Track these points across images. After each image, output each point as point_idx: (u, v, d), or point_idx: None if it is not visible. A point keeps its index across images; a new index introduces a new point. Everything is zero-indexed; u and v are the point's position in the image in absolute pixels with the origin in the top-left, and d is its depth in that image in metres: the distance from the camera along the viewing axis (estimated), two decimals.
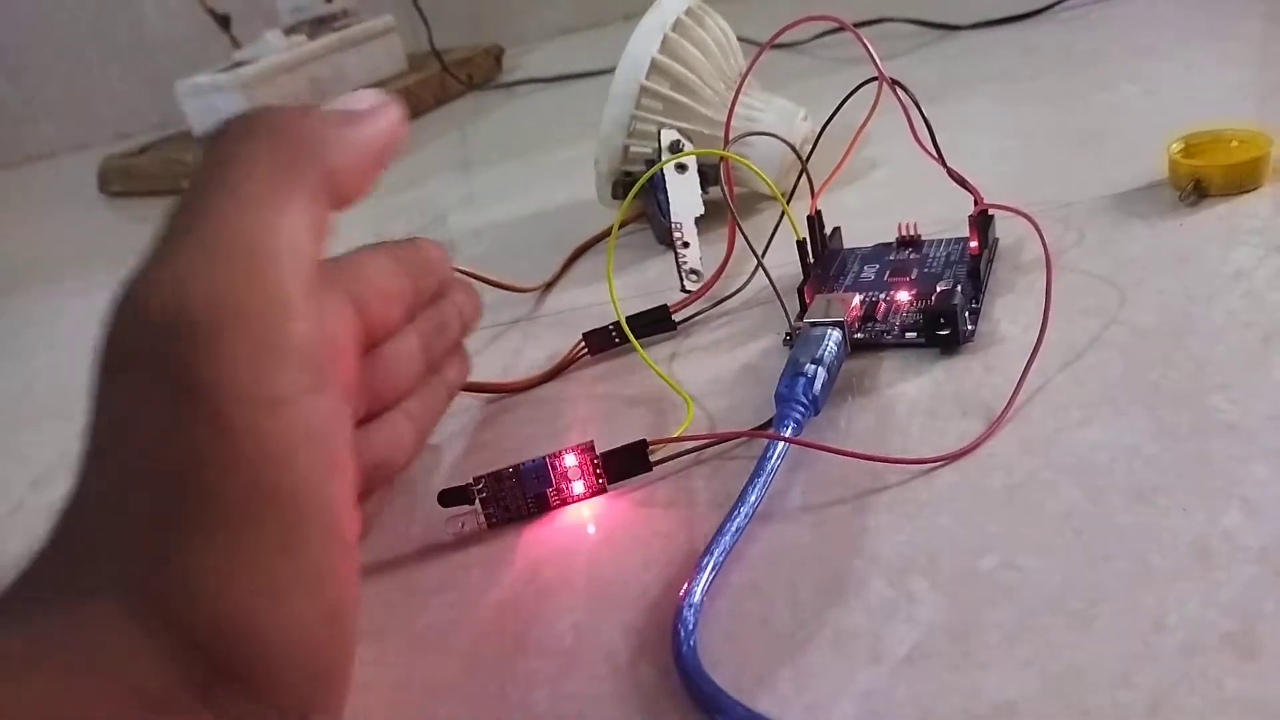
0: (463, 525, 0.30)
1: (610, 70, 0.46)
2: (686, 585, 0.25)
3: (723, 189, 0.39)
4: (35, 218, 1.04)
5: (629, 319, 0.38)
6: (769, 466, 0.28)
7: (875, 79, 0.37)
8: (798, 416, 0.30)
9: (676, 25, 0.46)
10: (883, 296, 0.36)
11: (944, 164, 0.36)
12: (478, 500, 0.30)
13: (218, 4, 1.03)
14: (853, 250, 0.40)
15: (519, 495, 0.30)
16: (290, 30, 0.98)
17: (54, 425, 0.46)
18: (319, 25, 1.00)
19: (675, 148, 0.42)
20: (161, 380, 0.18)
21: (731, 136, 0.41)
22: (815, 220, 0.38)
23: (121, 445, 0.19)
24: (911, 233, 0.39)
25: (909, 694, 0.21)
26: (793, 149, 0.39)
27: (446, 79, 1.02)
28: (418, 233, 0.61)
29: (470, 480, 0.30)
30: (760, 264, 0.37)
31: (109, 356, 0.19)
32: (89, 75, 1.38)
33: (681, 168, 0.41)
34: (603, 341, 0.39)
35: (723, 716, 0.21)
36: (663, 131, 0.42)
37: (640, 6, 0.48)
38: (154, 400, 0.18)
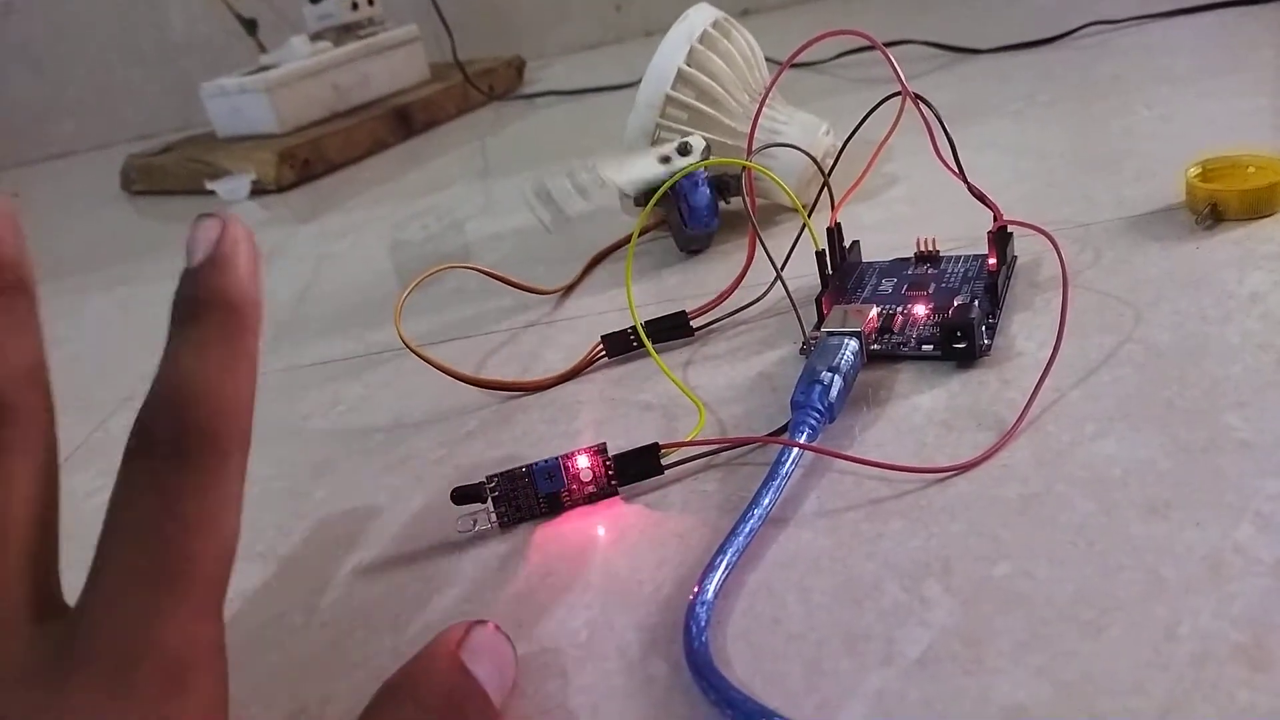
0: (474, 523, 0.31)
1: (630, 85, 0.47)
2: (699, 583, 0.25)
3: (744, 199, 0.39)
4: (58, 213, 1.05)
5: (647, 324, 0.38)
6: (783, 471, 0.28)
7: (899, 94, 0.37)
8: (813, 423, 0.30)
9: (703, 37, 0.47)
10: (900, 309, 0.36)
11: (965, 179, 0.36)
12: (490, 499, 0.31)
13: (245, 9, 1.04)
14: (871, 264, 0.41)
15: (531, 494, 0.31)
16: (316, 36, 1.00)
17: (72, 417, 0.46)
18: (344, 33, 1.02)
19: (684, 150, 0.43)
20: None
21: (754, 148, 0.41)
22: (835, 232, 0.38)
23: None
24: (930, 248, 0.40)
25: (920, 696, 0.21)
26: (815, 162, 0.40)
27: (468, 89, 1.03)
28: (432, 239, 0.62)
29: (484, 479, 0.30)
30: (779, 275, 0.38)
31: None
32: (112, 76, 1.40)
33: (665, 159, 0.43)
34: (620, 345, 0.39)
35: (733, 711, 0.22)
36: (690, 141, 0.43)
37: (661, 24, 0.49)
38: None
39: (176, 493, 0.19)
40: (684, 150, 0.43)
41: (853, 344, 0.32)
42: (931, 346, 0.34)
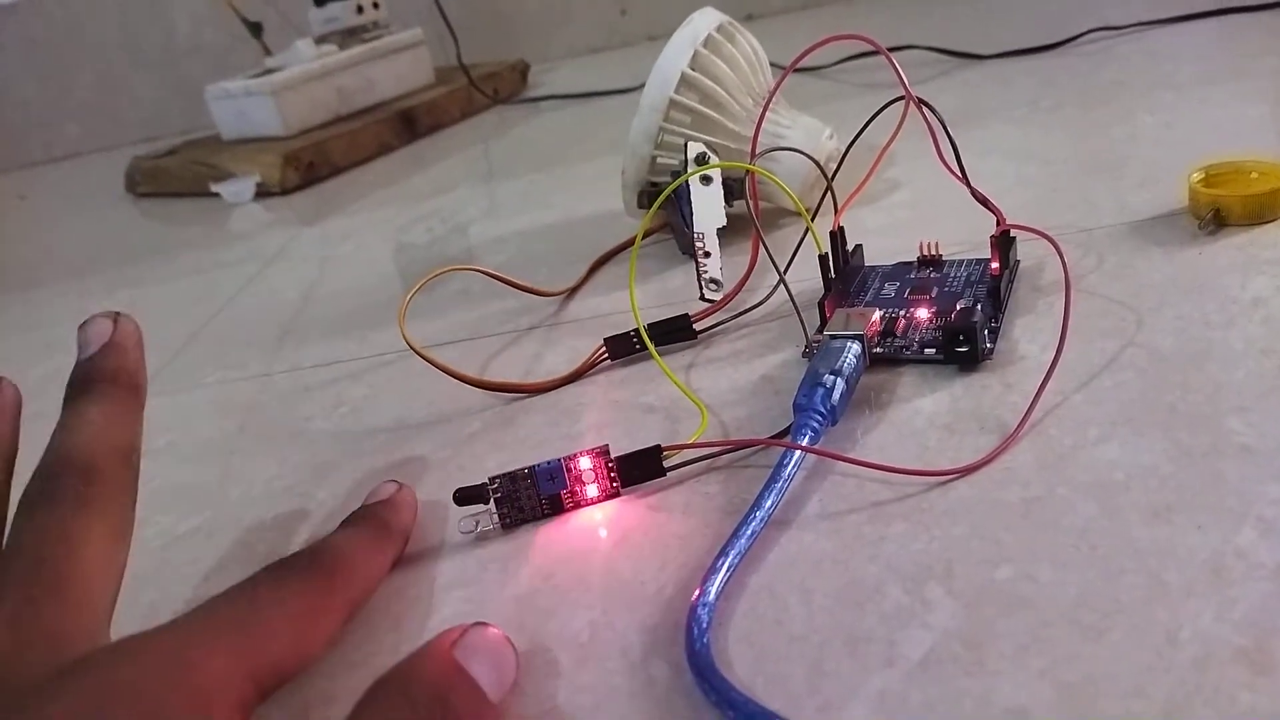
0: (477, 524, 0.31)
1: (634, 89, 0.47)
2: (701, 585, 0.25)
3: (747, 203, 0.39)
4: (62, 215, 1.05)
5: (650, 327, 0.38)
6: (786, 473, 0.28)
7: (902, 98, 0.37)
8: (815, 426, 0.30)
9: (708, 41, 0.47)
10: (902, 313, 0.36)
11: (968, 183, 0.36)
12: (492, 500, 0.31)
13: (250, 12, 1.05)
14: (874, 268, 0.41)
15: (533, 496, 0.31)
16: (321, 40, 1.00)
17: None
18: (349, 36, 1.02)
19: (701, 160, 0.42)
20: None
21: (758, 151, 0.42)
22: (838, 236, 0.38)
23: None
24: (933, 252, 0.40)
25: (922, 698, 0.21)
26: (818, 166, 0.40)
27: (473, 93, 1.03)
28: (436, 242, 0.62)
29: (486, 480, 0.31)
30: (782, 279, 0.38)
31: None
32: (117, 78, 1.41)
33: (707, 180, 0.42)
34: (623, 347, 0.39)
35: (734, 712, 0.22)
36: (689, 144, 0.43)
37: (665, 28, 0.49)
38: None
39: (61, 519, 0.24)
40: (701, 159, 0.43)
41: (855, 347, 0.32)
42: (934, 350, 0.34)
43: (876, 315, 0.35)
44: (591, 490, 0.31)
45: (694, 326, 0.39)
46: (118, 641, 0.22)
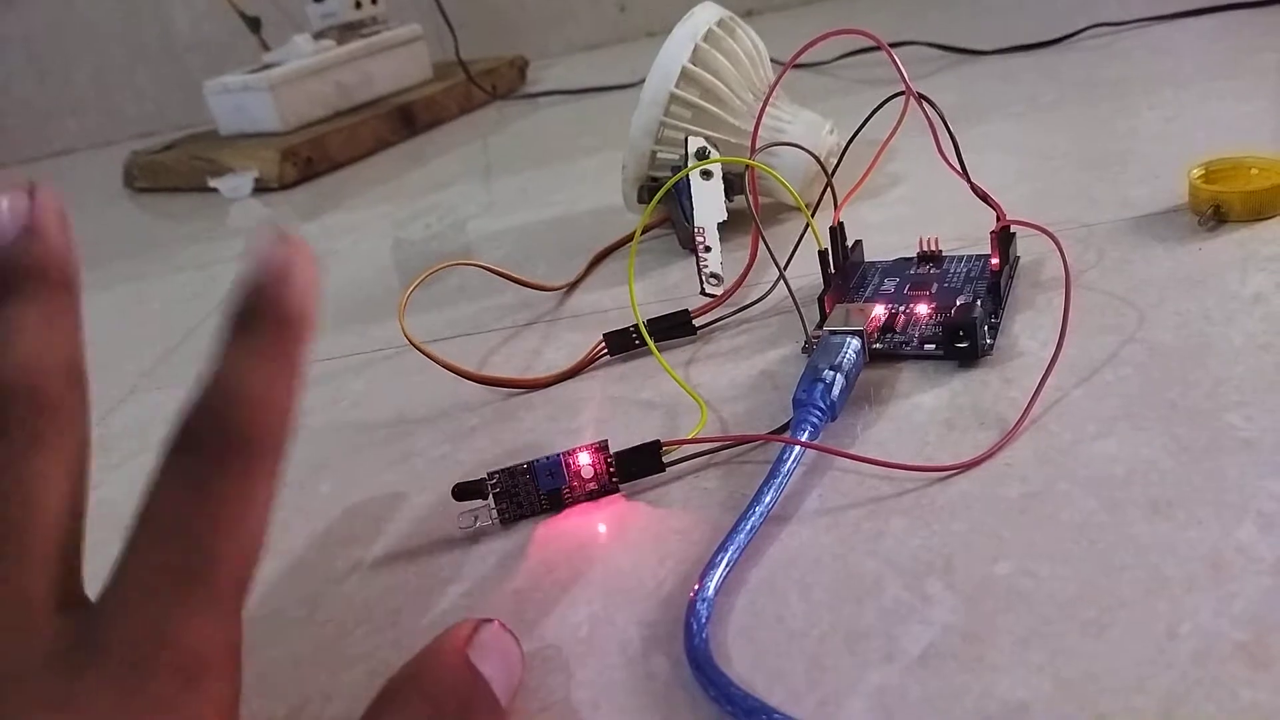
0: (475, 520, 0.31)
1: (632, 85, 0.47)
2: (700, 580, 0.25)
3: (747, 198, 0.39)
4: None
5: (649, 322, 0.38)
6: (785, 468, 0.28)
7: (903, 93, 0.37)
8: (815, 421, 0.30)
9: (708, 36, 0.47)
10: (902, 309, 0.36)
11: (968, 179, 0.36)
12: (491, 495, 0.31)
13: (248, 7, 1.04)
14: (873, 263, 0.41)
15: (533, 491, 0.31)
16: (319, 35, 1.00)
17: None
18: (348, 31, 1.02)
19: (702, 154, 0.42)
20: None
21: (758, 146, 0.41)
22: (838, 231, 0.38)
23: None
24: (933, 248, 0.40)
25: (921, 693, 0.21)
26: (818, 161, 0.40)
27: (471, 88, 1.03)
28: (435, 237, 0.62)
29: (485, 475, 0.30)
30: (782, 274, 0.38)
31: None
32: (115, 74, 1.40)
33: (707, 174, 0.42)
34: (623, 343, 0.39)
35: (733, 707, 0.22)
36: (689, 139, 0.43)
37: (664, 24, 0.49)
38: None
39: (210, 493, 0.19)
40: (702, 154, 0.43)
41: (855, 343, 0.32)
42: (934, 346, 0.34)
43: (876, 311, 0.35)
44: (591, 486, 0.31)
45: (693, 322, 0.39)
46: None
